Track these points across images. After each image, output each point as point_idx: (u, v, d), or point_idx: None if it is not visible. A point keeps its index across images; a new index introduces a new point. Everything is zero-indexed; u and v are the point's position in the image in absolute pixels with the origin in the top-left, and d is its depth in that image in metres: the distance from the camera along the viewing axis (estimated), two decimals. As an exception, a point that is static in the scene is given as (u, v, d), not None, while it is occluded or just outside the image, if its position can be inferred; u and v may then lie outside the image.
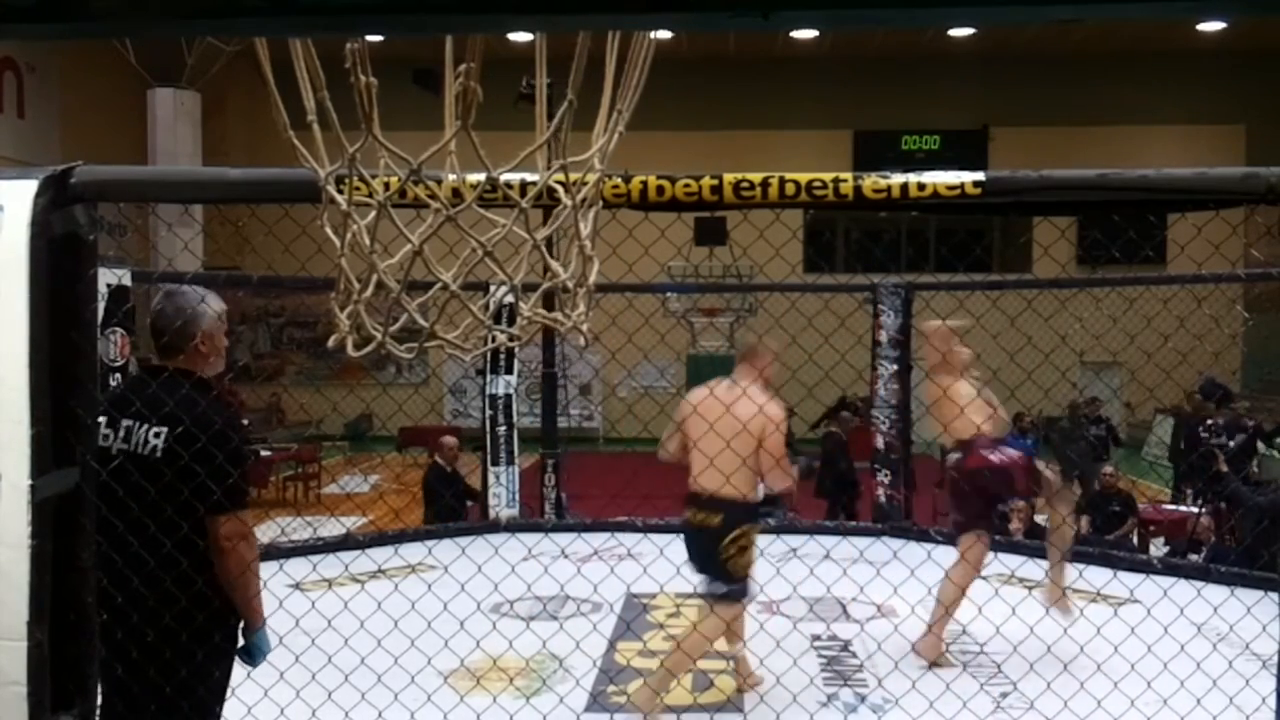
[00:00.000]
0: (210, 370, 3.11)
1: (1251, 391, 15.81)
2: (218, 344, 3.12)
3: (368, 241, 2.22)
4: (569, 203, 2.33)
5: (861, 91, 20.84)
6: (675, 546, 5.14)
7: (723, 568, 4.60)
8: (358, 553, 7.16)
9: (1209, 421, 11.11)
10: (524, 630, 4.99)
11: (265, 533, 9.38)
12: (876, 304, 8.37)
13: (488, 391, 8.63)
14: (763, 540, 6.26)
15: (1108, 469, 10.07)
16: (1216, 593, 5.67)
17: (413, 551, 7.30)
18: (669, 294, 14.90)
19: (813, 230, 19.67)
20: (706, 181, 2.87)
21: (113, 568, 2.87)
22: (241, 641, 3.13)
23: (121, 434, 2.99)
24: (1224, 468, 8.04)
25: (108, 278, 6.51)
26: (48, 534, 2.58)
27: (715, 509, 4.64)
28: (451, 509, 8.90)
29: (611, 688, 4.88)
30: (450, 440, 9.62)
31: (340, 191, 2.21)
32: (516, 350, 8.70)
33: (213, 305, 3.11)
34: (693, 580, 4.92)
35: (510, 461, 8.65)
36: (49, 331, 2.58)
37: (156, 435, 2.94)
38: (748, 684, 4.93)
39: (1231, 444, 10.39)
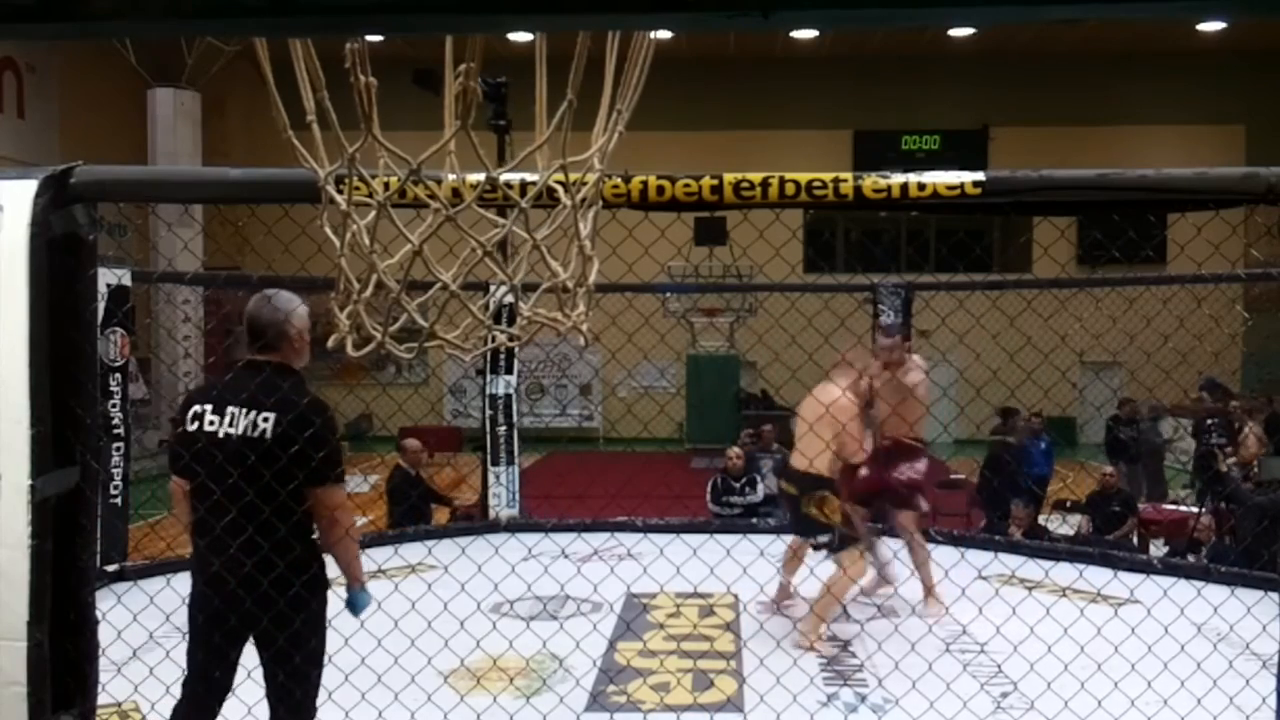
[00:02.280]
0: (300, 363, 3.50)
1: (1252, 391, 15.79)
2: (306, 340, 3.50)
3: (368, 241, 2.22)
4: (569, 203, 2.33)
5: (861, 91, 20.84)
6: (675, 546, 5.14)
7: (814, 523, 5.63)
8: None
9: (1209, 421, 11.12)
10: (524, 630, 4.98)
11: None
12: (876, 304, 8.37)
13: (488, 391, 8.63)
14: (762, 540, 6.26)
15: (1108, 469, 10.07)
16: (1216, 593, 5.67)
17: (413, 551, 7.30)
18: (669, 294, 14.90)
19: (813, 230, 19.67)
20: (706, 181, 2.87)
21: (224, 536, 3.28)
22: (345, 596, 3.62)
23: (228, 419, 3.34)
24: (1224, 467, 8.04)
25: (108, 278, 6.51)
26: (48, 534, 2.58)
27: (791, 480, 5.77)
28: (417, 511, 8.82)
29: (611, 688, 4.88)
30: (414, 443, 9.59)
31: (340, 191, 2.21)
32: (516, 350, 8.70)
33: (301, 306, 3.50)
34: (692, 580, 4.93)
35: (510, 461, 8.64)
36: (49, 331, 2.58)
37: (265, 420, 3.29)
38: (782, 607, 5.98)
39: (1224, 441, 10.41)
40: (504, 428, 8.61)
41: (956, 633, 5.28)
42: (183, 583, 5.44)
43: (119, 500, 6.89)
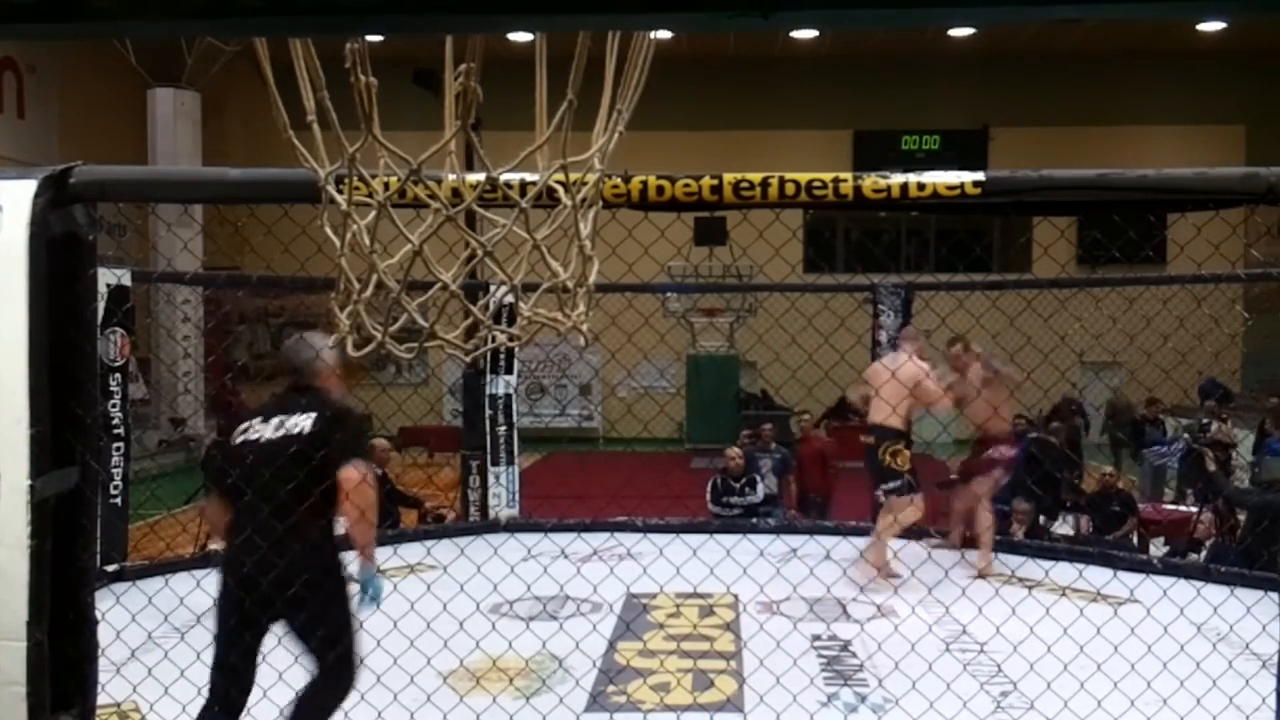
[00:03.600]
0: (335, 393, 4.01)
1: (1251, 391, 15.78)
2: (338, 373, 4.03)
3: (368, 241, 2.22)
4: (569, 203, 2.33)
5: (861, 91, 20.83)
6: (675, 546, 5.14)
7: (885, 469, 6.66)
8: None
9: (1204, 421, 11.11)
10: (524, 630, 4.98)
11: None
12: (876, 304, 8.37)
13: (488, 391, 8.63)
14: (762, 540, 6.27)
15: (1108, 469, 10.06)
16: (1216, 593, 5.67)
17: (412, 551, 7.30)
18: (669, 294, 14.89)
19: (813, 230, 19.65)
20: (706, 181, 2.87)
21: (266, 525, 3.65)
22: (358, 579, 3.88)
23: (272, 425, 3.83)
24: (1212, 466, 8.02)
25: (108, 278, 6.51)
26: (47, 534, 2.58)
27: (871, 433, 6.78)
28: (383, 512, 8.73)
29: (611, 688, 4.88)
30: (382, 443, 9.59)
31: (340, 191, 2.21)
32: (516, 350, 8.70)
33: (322, 351, 3.96)
34: (692, 580, 4.93)
35: (510, 461, 8.64)
36: (49, 331, 2.58)
37: (305, 419, 3.80)
38: (882, 576, 6.60)
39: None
40: (504, 428, 8.61)
41: (956, 633, 5.28)
42: (182, 583, 5.46)
43: (119, 500, 6.89)
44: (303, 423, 3.77)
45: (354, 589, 3.87)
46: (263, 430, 3.83)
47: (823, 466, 9.70)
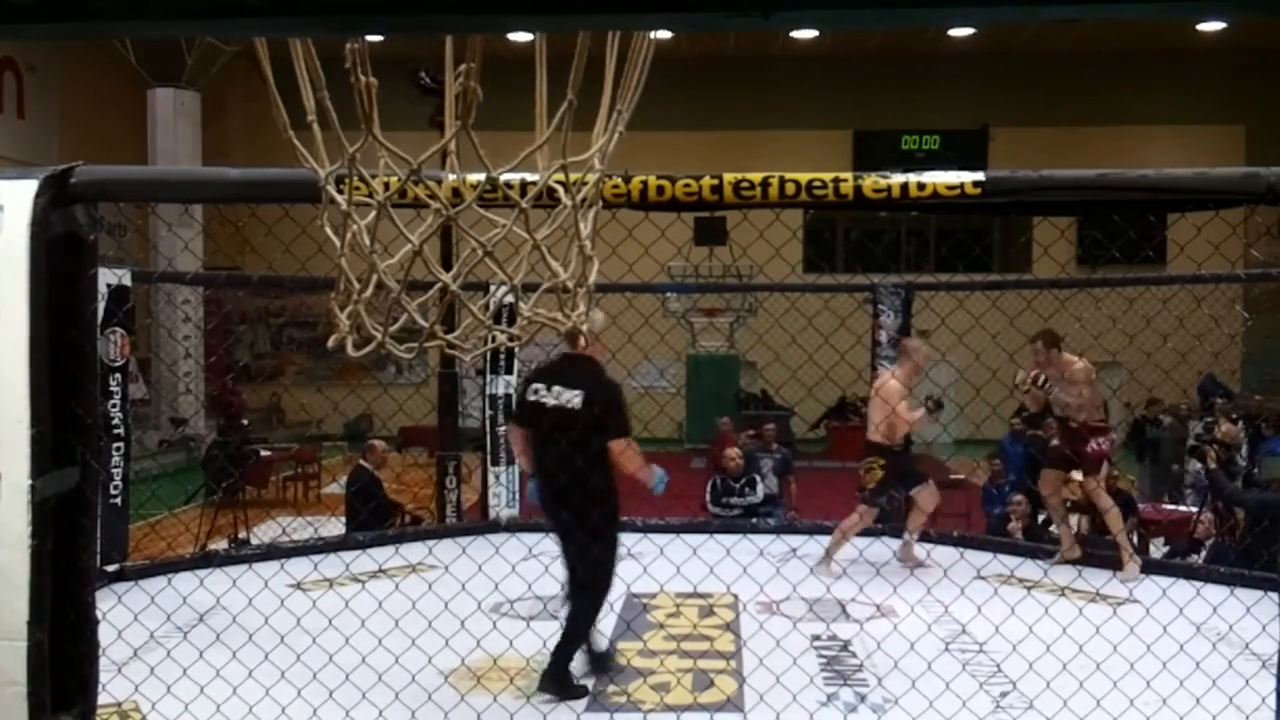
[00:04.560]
0: (602, 357, 4.91)
1: (1251, 391, 15.78)
2: (603, 341, 4.91)
3: (368, 241, 2.22)
4: (569, 203, 2.33)
5: (861, 91, 20.82)
6: (675, 546, 5.14)
7: (860, 483, 7.04)
8: (358, 552, 7.16)
9: (1205, 420, 11.10)
10: (524, 630, 4.98)
11: (265, 533, 9.40)
12: (876, 304, 8.36)
13: (488, 391, 8.63)
14: (762, 540, 6.27)
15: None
16: (1216, 593, 5.67)
17: (413, 551, 7.30)
18: (669, 294, 14.89)
19: (813, 230, 19.64)
20: (706, 181, 2.87)
21: (555, 474, 4.72)
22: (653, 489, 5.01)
23: (553, 393, 4.74)
24: (1211, 464, 8.01)
25: (108, 278, 6.51)
26: (48, 534, 2.58)
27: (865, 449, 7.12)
28: (375, 511, 8.67)
29: (611, 688, 4.88)
30: (379, 444, 9.61)
31: (340, 191, 2.21)
32: (516, 350, 8.69)
33: (598, 315, 4.68)
34: (692, 580, 4.93)
35: (510, 461, 8.63)
36: (49, 331, 2.58)
37: (574, 396, 4.69)
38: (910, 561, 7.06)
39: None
40: (504, 428, 8.61)
41: (956, 632, 5.28)
42: (183, 582, 5.46)
43: (119, 500, 6.89)
44: (573, 398, 4.69)
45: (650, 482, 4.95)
46: (544, 395, 4.77)
47: None
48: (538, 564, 5.25)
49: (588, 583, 4.76)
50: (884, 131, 20.91)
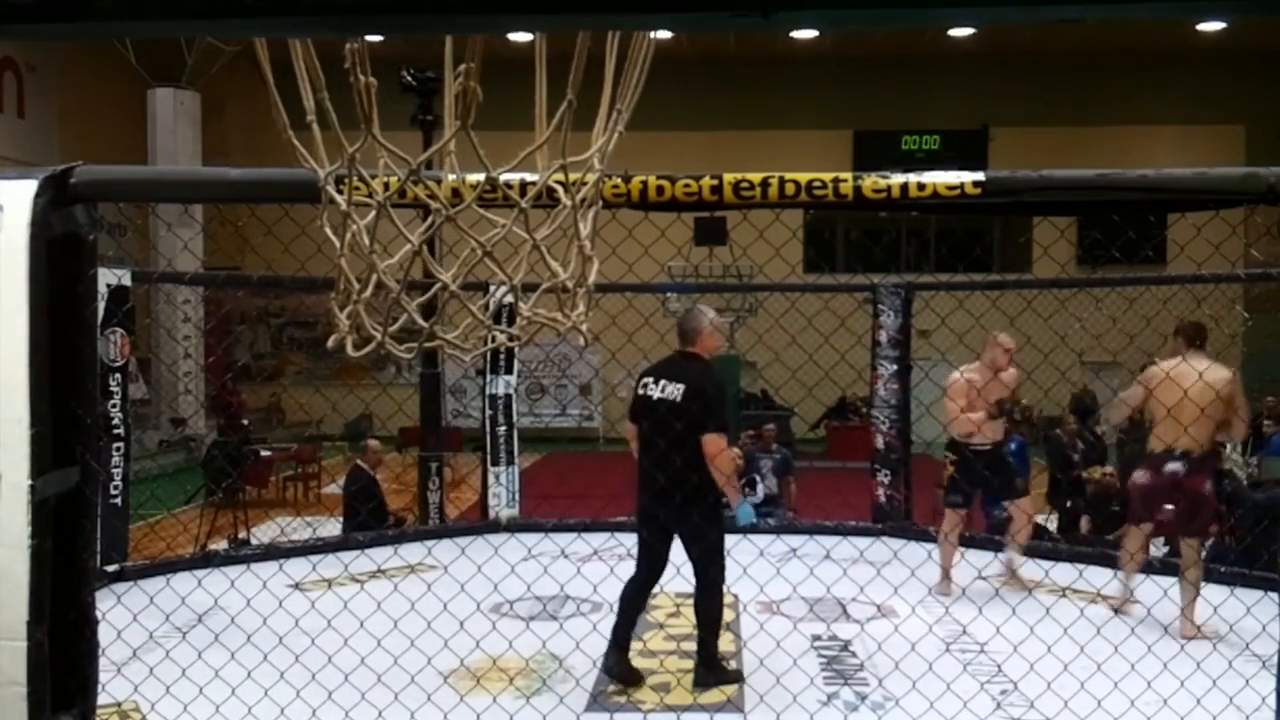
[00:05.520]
0: (711, 355, 5.07)
1: (1251, 391, 15.77)
2: (715, 340, 5.12)
3: (368, 241, 2.22)
4: (569, 203, 2.33)
5: (861, 91, 20.82)
6: (675, 546, 5.13)
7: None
8: (358, 553, 7.16)
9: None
10: (524, 630, 4.99)
11: (265, 533, 9.40)
12: (876, 304, 8.37)
13: (488, 391, 8.63)
14: (762, 540, 6.26)
15: (1108, 469, 10.05)
16: (1216, 593, 5.67)
17: (413, 551, 7.30)
18: (669, 294, 14.88)
19: (813, 230, 19.65)
20: (706, 181, 2.87)
21: (655, 466, 4.81)
22: (732, 511, 4.98)
23: (659, 387, 4.93)
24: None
25: (108, 278, 6.51)
26: (48, 534, 2.58)
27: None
28: (373, 512, 8.64)
29: (611, 688, 4.88)
30: (375, 444, 9.60)
31: (340, 191, 2.21)
32: (516, 350, 8.69)
33: (709, 316, 5.09)
34: (692, 580, 4.93)
35: (510, 461, 8.64)
36: (49, 331, 2.58)
37: (677, 390, 4.86)
38: (1015, 582, 6.56)
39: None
40: (504, 428, 8.61)
41: (956, 633, 5.28)
42: (183, 582, 5.46)
43: (119, 500, 6.89)
44: (675, 392, 4.85)
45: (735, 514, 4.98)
46: (653, 390, 4.95)
47: None
48: (537, 564, 5.25)
49: (704, 575, 4.85)
50: (884, 131, 20.91)
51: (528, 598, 5.49)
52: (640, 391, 5.07)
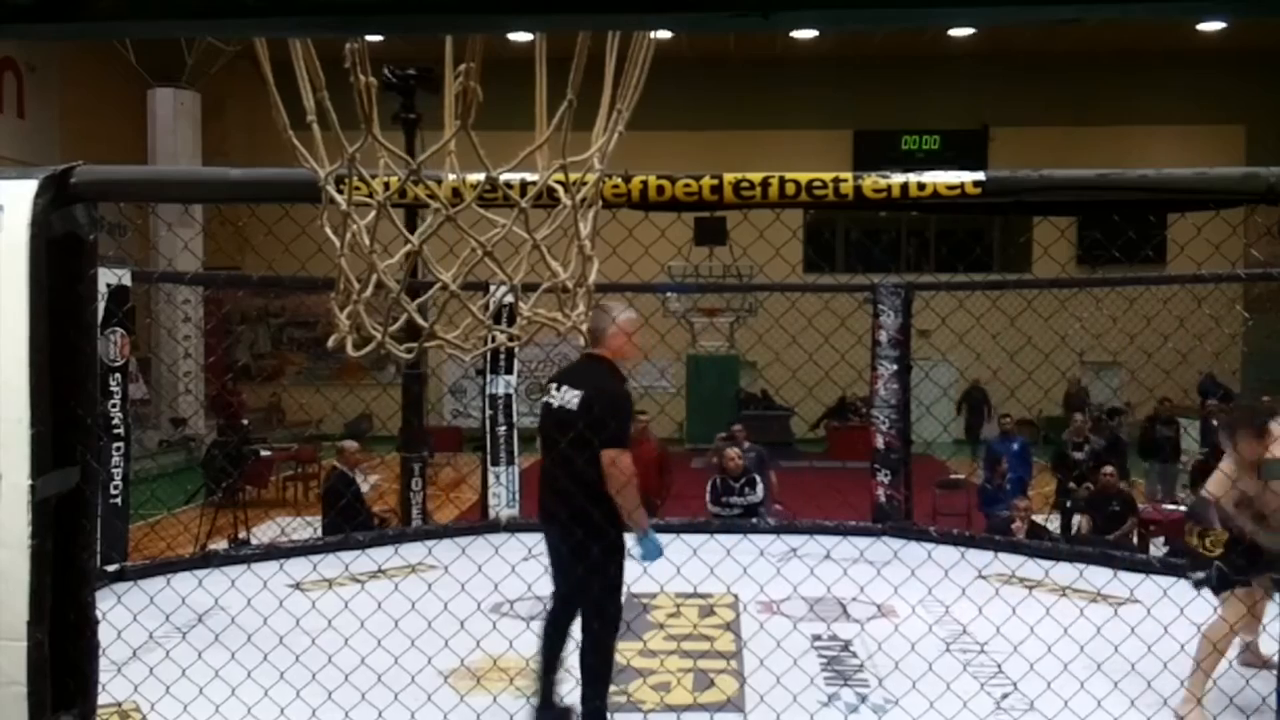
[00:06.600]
0: (623, 358, 4.44)
1: (1251, 391, 15.77)
2: (623, 341, 4.43)
3: (368, 241, 2.22)
4: (569, 203, 2.33)
5: (861, 91, 20.83)
6: (675, 546, 5.13)
7: (1193, 554, 5.01)
8: (358, 553, 7.15)
9: (1213, 422, 11.13)
10: (524, 630, 4.98)
11: (265, 533, 9.40)
12: (876, 304, 8.37)
13: (488, 391, 8.63)
14: (762, 540, 6.27)
15: (1108, 469, 10.06)
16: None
17: (413, 551, 7.30)
18: (669, 294, 14.89)
19: (813, 230, 19.66)
20: (706, 181, 2.87)
21: (552, 474, 4.30)
22: (632, 544, 4.34)
23: (560, 394, 4.35)
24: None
25: (108, 278, 6.51)
26: (48, 534, 2.58)
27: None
28: (351, 513, 8.55)
29: (612, 688, 4.87)
30: (351, 445, 9.58)
31: (340, 191, 2.21)
32: (516, 350, 8.69)
33: (617, 314, 4.42)
34: (692, 580, 4.93)
35: (510, 461, 8.64)
36: (49, 331, 2.58)
37: (574, 397, 4.28)
38: (1259, 660, 5.00)
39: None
40: (504, 428, 8.61)
41: (957, 633, 5.28)
42: (183, 582, 5.46)
43: (119, 500, 6.89)
44: (572, 399, 4.30)
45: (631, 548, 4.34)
46: (554, 397, 4.40)
47: (656, 469, 9.08)
48: (537, 564, 5.25)
49: (592, 609, 4.29)
50: (884, 131, 20.92)
51: (528, 598, 5.48)
52: (545, 399, 4.50)
